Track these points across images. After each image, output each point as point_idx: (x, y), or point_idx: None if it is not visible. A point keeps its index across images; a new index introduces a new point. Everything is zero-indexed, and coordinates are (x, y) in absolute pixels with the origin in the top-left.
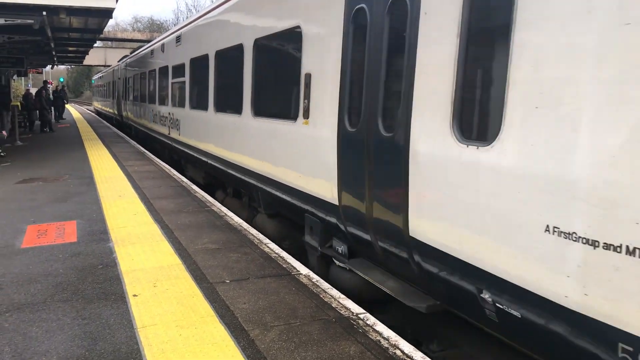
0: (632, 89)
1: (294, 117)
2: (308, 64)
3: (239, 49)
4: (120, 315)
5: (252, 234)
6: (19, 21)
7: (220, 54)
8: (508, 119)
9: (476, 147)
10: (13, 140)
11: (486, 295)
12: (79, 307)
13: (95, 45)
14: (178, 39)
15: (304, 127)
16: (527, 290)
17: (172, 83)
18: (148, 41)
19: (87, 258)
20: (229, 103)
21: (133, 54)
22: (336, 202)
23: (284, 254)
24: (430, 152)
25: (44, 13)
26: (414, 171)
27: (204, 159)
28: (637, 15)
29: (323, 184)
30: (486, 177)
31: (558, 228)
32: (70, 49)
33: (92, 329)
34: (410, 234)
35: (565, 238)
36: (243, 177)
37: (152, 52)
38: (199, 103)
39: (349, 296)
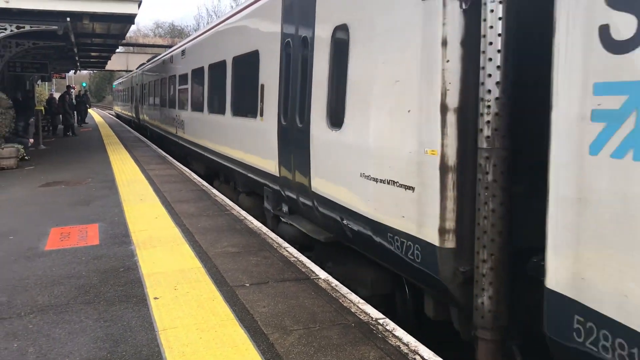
0: (384, 103)
1: (255, 115)
2: (262, 77)
3: (223, 63)
4: (142, 317)
5: (272, 238)
6: (43, 27)
7: (211, 67)
8: (347, 115)
9: (335, 130)
10: (37, 144)
11: (344, 221)
12: (101, 310)
13: (117, 50)
14: (183, 52)
15: (261, 122)
16: (357, 212)
17: (179, 90)
18: (169, 46)
19: (109, 261)
20: (216, 106)
21: (147, 63)
22: (278, 175)
23: (303, 258)
24: (318, 135)
25: (68, 19)
26: (312, 148)
27: (200, 151)
28: (386, 58)
29: (271, 163)
30: (338, 148)
31: (364, 173)
32: (93, 54)
33: (113, 331)
34: (312, 189)
35: (366, 179)
36: (226, 164)
37: (163, 62)
38: (197, 106)
39: (292, 243)
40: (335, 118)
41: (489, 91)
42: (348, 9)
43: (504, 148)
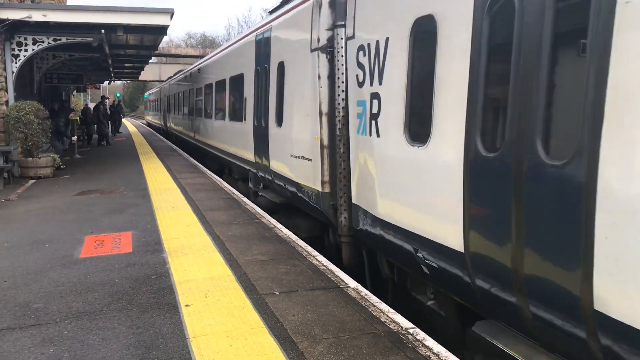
0: (298, 110)
1: (242, 120)
2: (246, 92)
3: (224, 81)
4: (173, 324)
5: (301, 246)
6: (79, 39)
7: (217, 83)
8: (284, 118)
9: (279, 128)
10: (72, 153)
11: (286, 186)
12: (133, 316)
13: (150, 61)
14: (198, 70)
15: (244, 125)
16: (290, 179)
17: (195, 101)
18: (201, 56)
19: (141, 268)
20: (219, 114)
21: (171, 78)
22: (254, 161)
23: (332, 266)
24: (272, 132)
25: (103, 31)
26: (270, 140)
27: (210, 150)
28: (299, 84)
29: (250, 153)
30: (281, 139)
31: (291, 153)
32: (127, 65)
33: (145, 338)
34: (270, 169)
35: (292, 157)
36: (227, 158)
37: (184, 77)
38: (207, 114)
39: (265, 209)
40: (278, 120)
41: (339, 103)
42: (284, 52)
43: (348, 134)
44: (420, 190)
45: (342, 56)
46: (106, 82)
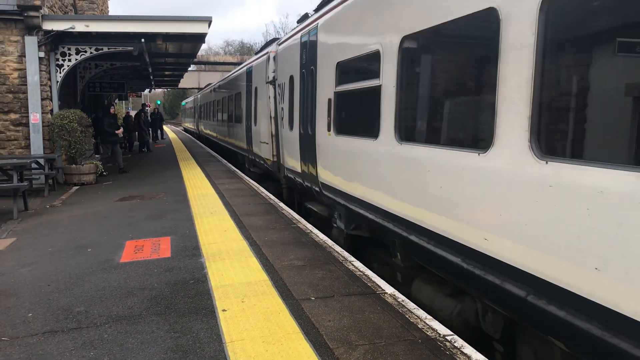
0: (264, 116)
1: (241, 122)
2: (238, 105)
3: (227, 98)
4: (210, 329)
5: (337, 252)
6: (120, 48)
7: (226, 97)
8: (257, 120)
9: (255, 126)
10: (114, 160)
11: (260, 161)
12: (171, 321)
13: (189, 69)
14: (219, 86)
15: (242, 125)
16: (262, 157)
17: (217, 110)
18: (239, 64)
19: (179, 273)
20: (233, 119)
21: (202, 90)
22: (245, 148)
23: (368, 272)
24: (252, 128)
25: (143, 40)
26: (252, 134)
27: (227, 146)
28: (263, 100)
29: (245, 144)
30: (256, 133)
31: (261, 140)
32: (167, 73)
33: (183, 342)
34: (253, 152)
35: (261, 142)
36: (235, 150)
37: (210, 90)
38: (225, 119)
39: (254, 178)
40: (255, 121)
41: (277, 112)
42: (258, 80)
43: (306, 124)
44: (294, 151)
45: (275, 87)
46: (147, 90)
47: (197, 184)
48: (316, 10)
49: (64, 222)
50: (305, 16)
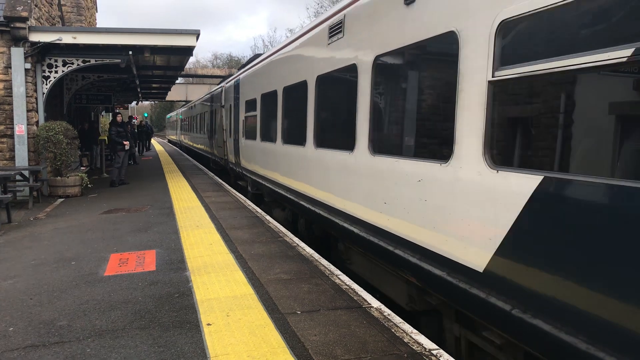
0: (224, 128)
1: (201, 132)
2: (214, 121)
3: (197, 116)
4: (194, 344)
5: (324, 265)
6: (107, 61)
7: (198, 115)
8: (216, 132)
9: (247, 140)
10: (99, 172)
11: (224, 162)
12: (155, 335)
13: (177, 81)
14: (194, 105)
15: (215, 136)
16: (223, 158)
17: (193, 124)
18: (228, 76)
19: (164, 286)
20: (205, 131)
21: (182, 107)
22: (210, 152)
23: (355, 286)
24: (227, 140)
25: (130, 52)
26: (214, 142)
27: (198, 151)
28: (226, 117)
29: (208, 148)
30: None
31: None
32: (154, 85)
33: (167, 356)
34: (215, 152)
35: (221, 146)
36: (206, 155)
37: (189, 108)
38: (197, 131)
39: (214, 171)
40: (215, 133)
41: (225, 126)
42: (216, 104)
43: (236, 134)
44: (232, 150)
45: (227, 110)
46: (134, 103)
47: (183, 197)
48: (239, 69)
49: (47, 235)
50: (242, 66)
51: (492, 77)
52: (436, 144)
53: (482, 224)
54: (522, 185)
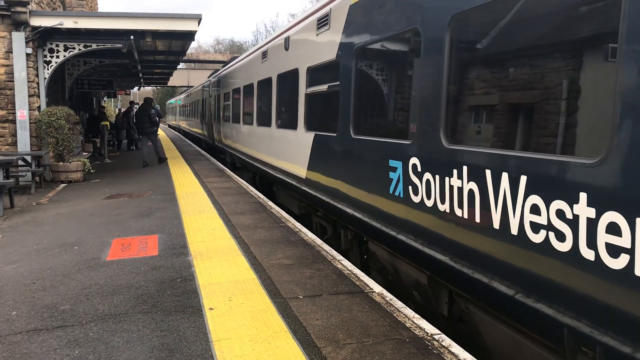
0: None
1: (195, 117)
2: (204, 108)
3: (203, 100)
4: (197, 328)
5: (326, 250)
6: (109, 46)
7: (193, 102)
8: (229, 116)
9: (224, 122)
10: (102, 158)
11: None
12: (157, 319)
13: (179, 67)
14: (190, 94)
15: (205, 120)
16: (208, 137)
17: (187, 110)
18: (229, 61)
19: (167, 271)
20: (198, 116)
21: (181, 94)
22: (207, 134)
23: (357, 271)
24: (214, 124)
25: (132, 37)
26: (214, 126)
27: (192, 133)
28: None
29: (206, 133)
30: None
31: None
32: (156, 70)
33: (169, 341)
34: (205, 133)
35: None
36: (199, 136)
37: (187, 96)
38: (186, 115)
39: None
40: (205, 117)
41: (212, 112)
42: (206, 94)
43: (218, 118)
44: (217, 131)
45: (213, 99)
46: (136, 88)
47: (185, 182)
48: (223, 66)
49: (50, 220)
50: (225, 63)
51: (306, 91)
52: (291, 121)
53: (303, 156)
54: (311, 137)
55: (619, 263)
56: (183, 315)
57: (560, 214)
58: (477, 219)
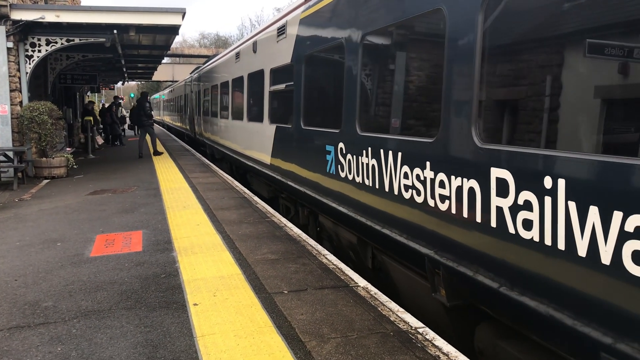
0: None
1: (181, 112)
2: (186, 103)
3: (185, 96)
4: (181, 323)
5: (311, 245)
6: (92, 40)
7: (175, 98)
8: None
9: (204, 116)
10: (86, 153)
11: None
12: (141, 315)
13: (163, 61)
14: (172, 90)
15: (187, 115)
16: (187, 130)
17: (170, 105)
18: (213, 56)
19: (151, 267)
20: (182, 111)
21: (165, 89)
22: (189, 129)
23: (342, 265)
24: (195, 119)
25: (115, 31)
26: (195, 121)
27: (173, 127)
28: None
29: (188, 127)
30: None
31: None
32: (140, 65)
33: (153, 336)
34: (187, 127)
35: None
36: (182, 131)
37: (170, 91)
38: (170, 110)
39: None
40: (187, 112)
41: (194, 107)
42: (187, 90)
43: (198, 112)
44: (198, 125)
45: (194, 95)
46: (120, 83)
47: (170, 178)
48: (205, 62)
49: (33, 216)
50: (209, 58)
51: (270, 89)
52: (259, 115)
53: (268, 145)
54: (273, 129)
55: (445, 206)
56: (167, 311)
57: (417, 177)
58: (377, 186)
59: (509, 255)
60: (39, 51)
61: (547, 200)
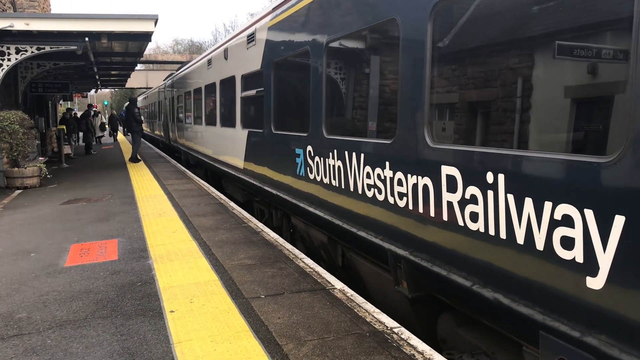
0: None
1: (160, 120)
2: (160, 110)
3: (160, 102)
4: (158, 331)
5: (288, 249)
6: (63, 48)
7: (150, 104)
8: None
9: (178, 123)
10: (59, 162)
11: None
12: (117, 324)
13: (136, 68)
14: (146, 97)
15: (162, 122)
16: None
17: (150, 112)
18: (187, 62)
19: (126, 275)
20: (160, 118)
21: (139, 96)
22: (165, 137)
23: (319, 268)
24: (171, 126)
25: (87, 39)
26: (162, 125)
27: (151, 135)
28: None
29: (165, 135)
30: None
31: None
32: (113, 72)
33: (130, 344)
34: (162, 134)
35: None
36: (160, 139)
37: (144, 98)
38: (155, 117)
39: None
40: (162, 119)
41: (168, 114)
42: (161, 97)
43: (172, 119)
44: (173, 131)
45: (168, 101)
46: (93, 91)
47: (145, 185)
48: (178, 69)
49: (5, 227)
50: (182, 64)
51: (241, 95)
52: (231, 120)
53: (241, 150)
54: (245, 133)
55: (404, 203)
56: (143, 318)
57: (378, 176)
58: (343, 186)
59: (459, 246)
60: (9, 60)
61: (490, 194)
